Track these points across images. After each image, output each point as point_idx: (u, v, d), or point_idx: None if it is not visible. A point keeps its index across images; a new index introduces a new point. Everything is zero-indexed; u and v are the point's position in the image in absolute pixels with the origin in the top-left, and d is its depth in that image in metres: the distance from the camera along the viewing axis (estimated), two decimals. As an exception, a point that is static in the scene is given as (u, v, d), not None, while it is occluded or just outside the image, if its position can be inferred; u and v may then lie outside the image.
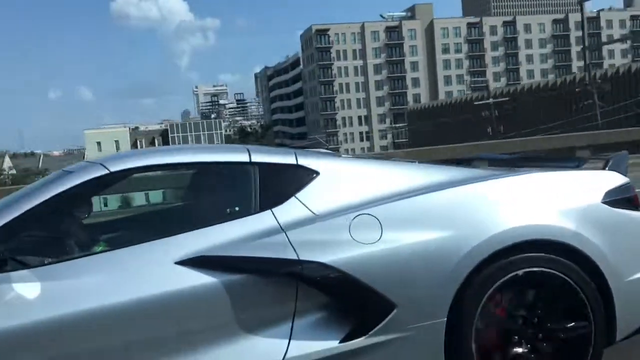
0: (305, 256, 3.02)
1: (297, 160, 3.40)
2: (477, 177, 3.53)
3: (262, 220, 3.15)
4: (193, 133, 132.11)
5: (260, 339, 3.01)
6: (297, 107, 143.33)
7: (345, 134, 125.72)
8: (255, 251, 3.03)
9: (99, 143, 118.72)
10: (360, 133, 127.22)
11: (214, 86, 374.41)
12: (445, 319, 3.10)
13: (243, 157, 3.39)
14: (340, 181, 3.38)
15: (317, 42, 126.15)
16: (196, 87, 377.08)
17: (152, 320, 2.92)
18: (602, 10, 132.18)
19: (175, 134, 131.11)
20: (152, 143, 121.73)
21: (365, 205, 3.23)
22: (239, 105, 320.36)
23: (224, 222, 3.15)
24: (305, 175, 3.34)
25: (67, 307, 2.83)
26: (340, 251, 3.05)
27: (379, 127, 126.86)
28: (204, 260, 2.98)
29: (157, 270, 2.97)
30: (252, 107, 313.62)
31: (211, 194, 3.57)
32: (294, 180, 3.32)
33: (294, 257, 3.01)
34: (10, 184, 47.27)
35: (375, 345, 3.05)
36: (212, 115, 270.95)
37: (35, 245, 3.11)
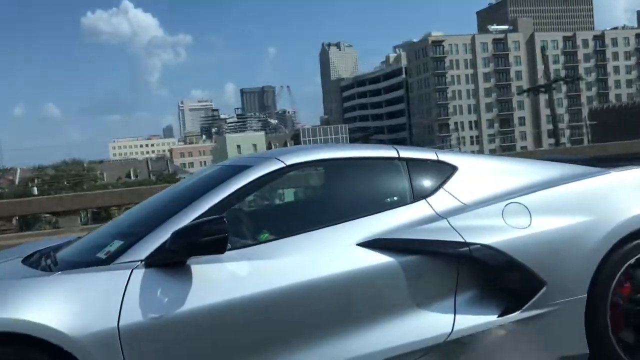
0: (470, 239, 3.35)
1: (437, 157, 3.82)
2: (596, 172, 3.92)
3: (420, 209, 3.53)
4: (322, 137, 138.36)
5: (429, 313, 3.32)
6: (389, 115, 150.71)
7: (457, 138, 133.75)
8: (423, 235, 3.38)
9: (238, 146, 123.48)
10: (471, 137, 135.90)
11: (199, 101, 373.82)
12: (586, 295, 3.45)
13: (393, 153, 3.79)
14: (478, 175, 3.80)
15: (432, 52, 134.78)
16: (182, 103, 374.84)
17: (336, 297, 3.20)
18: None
19: (307, 138, 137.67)
20: (285, 145, 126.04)
21: (507, 195, 3.63)
22: (239, 120, 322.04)
23: (386, 210, 3.53)
24: (447, 170, 3.75)
25: (270, 284, 3.09)
26: (498, 235, 3.40)
27: (488, 131, 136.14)
28: (379, 242, 3.31)
29: (342, 250, 3.29)
30: (252, 121, 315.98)
31: (371, 185, 3.84)
32: (438, 173, 3.72)
33: (461, 239, 3.35)
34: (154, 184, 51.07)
35: (528, 319, 3.38)
36: (213, 130, 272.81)
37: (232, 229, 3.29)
